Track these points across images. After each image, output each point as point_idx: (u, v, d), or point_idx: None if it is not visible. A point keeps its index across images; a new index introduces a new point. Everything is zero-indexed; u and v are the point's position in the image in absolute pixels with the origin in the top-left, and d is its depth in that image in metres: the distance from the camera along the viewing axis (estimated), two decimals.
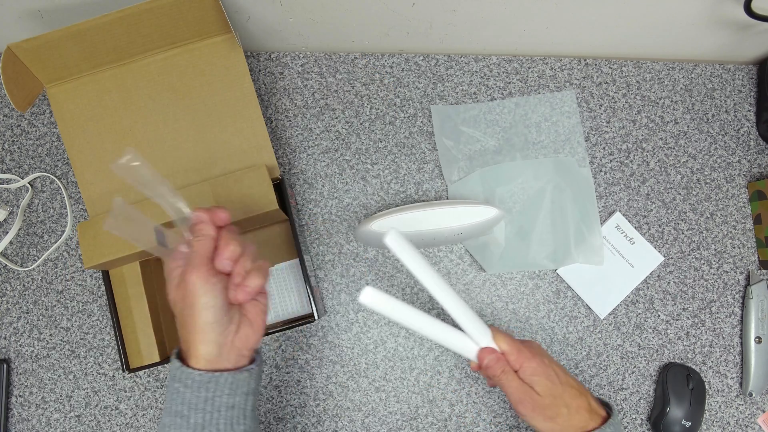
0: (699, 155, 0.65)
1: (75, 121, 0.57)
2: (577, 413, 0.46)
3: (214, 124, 0.56)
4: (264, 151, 0.56)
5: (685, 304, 0.62)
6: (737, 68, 0.66)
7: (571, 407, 0.46)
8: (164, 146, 0.57)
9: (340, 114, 0.65)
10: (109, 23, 0.51)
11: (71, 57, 0.54)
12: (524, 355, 0.47)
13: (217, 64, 0.56)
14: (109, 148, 0.57)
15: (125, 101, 0.56)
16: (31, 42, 0.51)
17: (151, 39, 0.54)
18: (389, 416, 0.61)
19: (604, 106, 0.65)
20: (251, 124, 0.56)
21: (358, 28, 0.62)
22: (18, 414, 0.62)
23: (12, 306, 0.64)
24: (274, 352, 0.62)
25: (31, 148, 0.66)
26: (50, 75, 0.55)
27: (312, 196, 0.64)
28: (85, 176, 0.57)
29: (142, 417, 0.62)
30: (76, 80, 0.56)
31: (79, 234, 0.53)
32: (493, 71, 0.66)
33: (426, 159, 0.65)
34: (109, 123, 0.57)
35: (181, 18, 0.52)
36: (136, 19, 0.51)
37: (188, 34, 0.55)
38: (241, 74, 0.56)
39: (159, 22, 0.52)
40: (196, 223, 0.41)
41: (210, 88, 0.56)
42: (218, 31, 0.55)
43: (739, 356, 0.62)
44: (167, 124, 0.57)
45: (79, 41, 0.52)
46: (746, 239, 0.63)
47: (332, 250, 0.64)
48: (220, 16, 0.52)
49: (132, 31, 0.53)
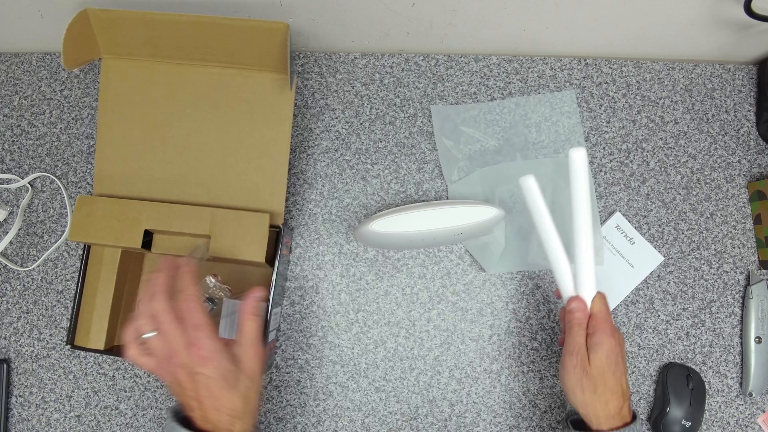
0: (699, 155, 0.65)
1: (116, 97, 0.57)
2: (606, 404, 0.46)
3: (239, 153, 0.57)
4: (276, 197, 0.56)
5: (685, 304, 0.62)
6: (737, 68, 0.66)
7: (605, 396, 0.46)
8: (185, 154, 0.57)
9: (340, 114, 0.65)
10: (182, 23, 0.52)
11: (136, 39, 0.55)
12: (605, 328, 0.48)
13: (264, 98, 0.56)
14: (136, 134, 0.57)
15: (167, 98, 0.57)
16: (107, 12, 0.53)
17: (213, 51, 0.55)
18: (389, 416, 0.61)
19: (604, 106, 0.65)
20: (274, 167, 0.56)
21: (358, 28, 0.62)
22: (18, 414, 0.62)
23: (12, 306, 0.64)
24: (274, 352, 0.62)
25: (31, 148, 0.66)
26: (111, 48, 0.56)
27: (312, 196, 0.64)
28: (104, 152, 0.57)
29: (142, 417, 0.62)
30: (132, 61, 0.57)
31: (75, 205, 0.54)
32: (493, 71, 0.66)
33: (426, 159, 0.65)
34: (146, 112, 0.57)
35: (248, 43, 0.53)
36: (208, 28, 0.53)
37: (249, 60, 0.55)
38: (284, 117, 0.56)
39: (227, 39, 0.53)
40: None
41: (249, 118, 0.56)
42: (277, 68, 0.55)
43: (739, 356, 0.62)
44: (197, 135, 0.57)
45: (149, 29, 0.53)
46: (746, 239, 0.63)
47: (332, 250, 0.64)
48: (283, 56, 0.53)
49: (199, 37, 0.54)
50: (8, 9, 0.60)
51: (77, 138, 0.66)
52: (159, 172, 0.57)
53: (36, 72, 0.68)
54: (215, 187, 0.57)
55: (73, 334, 0.56)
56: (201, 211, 0.54)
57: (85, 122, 0.67)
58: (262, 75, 0.56)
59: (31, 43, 0.67)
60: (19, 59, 0.68)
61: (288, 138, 0.56)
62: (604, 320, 0.49)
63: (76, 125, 0.67)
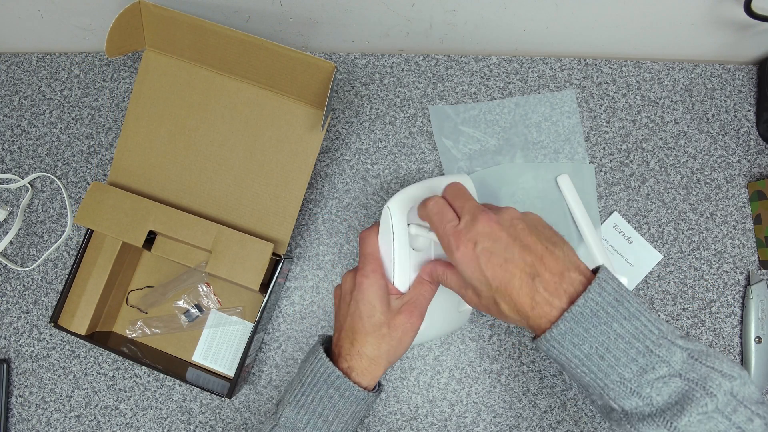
0: (699, 155, 0.65)
1: (151, 91, 0.57)
2: (519, 291, 0.38)
3: (258, 176, 0.57)
4: (284, 227, 0.56)
5: (685, 304, 0.62)
6: (737, 68, 0.66)
7: (510, 286, 0.38)
8: (206, 164, 0.57)
9: (340, 114, 0.65)
10: (231, 38, 0.53)
11: (182, 40, 0.55)
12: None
13: (295, 129, 0.56)
14: (162, 133, 0.58)
15: (200, 105, 0.57)
16: (160, 9, 0.53)
17: (255, 71, 0.55)
18: (389, 416, 0.61)
19: (604, 106, 0.65)
20: (288, 198, 0.56)
21: (358, 28, 0.62)
22: (18, 414, 0.62)
23: (12, 306, 0.64)
24: (273, 352, 0.62)
25: (31, 148, 0.66)
26: (156, 42, 0.57)
27: (312, 196, 0.64)
28: (127, 142, 0.58)
29: (142, 417, 0.62)
30: (174, 60, 0.57)
31: (88, 190, 0.55)
32: (493, 71, 0.66)
33: (426, 159, 0.65)
34: (177, 113, 0.57)
35: (291, 72, 0.53)
36: (255, 49, 0.53)
37: (288, 89, 0.55)
38: (310, 152, 0.56)
39: (272, 63, 0.53)
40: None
41: (276, 144, 0.56)
42: (314, 103, 0.55)
43: (739, 356, 0.62)
44: (221, 148, 0.57)
45: (198, 34, 0.54)
46: (746, 239, 0.63)
47: (332, 250, 0.64)
48: (324, 94, 0.53)
49: (244, 55, 0.54)
50: (8, 9, 0.60)
51: (77, 138, 0.66)
52: (176, 175, 0.57)
53: (36, 72, 0.68)
54: (226, 204, 0.57)
55: (58, 313, 0.57)
56: (208, 225, 0.54)
57: (85, 122, 0.67)
58: (297, 105, 0.56)
59: (31, 43, 0.67)
60: (19, 59, 0.68)
61: (308, 174, 0.55)
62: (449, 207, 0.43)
63: (76, 125, 0.67)
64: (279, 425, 0.44)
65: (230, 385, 0.55)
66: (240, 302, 0.62)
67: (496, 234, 0.39)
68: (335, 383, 0.44)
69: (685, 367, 0.35)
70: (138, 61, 0.67)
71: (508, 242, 0.39)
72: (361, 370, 0.45)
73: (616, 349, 0.36)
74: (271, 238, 0.56)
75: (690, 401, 0.34)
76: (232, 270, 0.53)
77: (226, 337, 0.61)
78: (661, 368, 0.35)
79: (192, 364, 0.61)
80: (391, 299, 0.46)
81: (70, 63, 0.68)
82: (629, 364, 0.35)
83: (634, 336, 0.36)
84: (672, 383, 0.35)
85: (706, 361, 0.35)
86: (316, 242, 0.64)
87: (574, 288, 0.37)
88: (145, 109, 0.57)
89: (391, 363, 0.47)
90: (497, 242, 0.39)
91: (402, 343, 0.46)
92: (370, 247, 0.48)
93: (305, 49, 0.67)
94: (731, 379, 0.35)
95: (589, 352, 0.36)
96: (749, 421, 0.34)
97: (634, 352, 0.35)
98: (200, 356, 0.61)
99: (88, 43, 0.66)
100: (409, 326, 0.45)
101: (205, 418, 0.61)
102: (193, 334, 0.61)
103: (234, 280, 0.53)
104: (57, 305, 0.57)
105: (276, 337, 0.62)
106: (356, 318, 0.46)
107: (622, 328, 0.36)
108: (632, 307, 0.36)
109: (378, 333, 0.45)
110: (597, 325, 0.36)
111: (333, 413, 0.44)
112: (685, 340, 0.37)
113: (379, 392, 0.47)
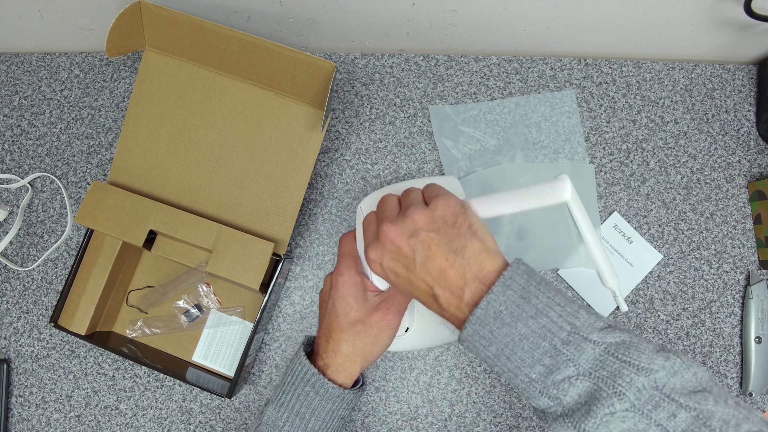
0: (699, 155, 0.65)
1: (151, 91, 0.57)
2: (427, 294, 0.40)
3: (258, 176, 0.57)
4: (284, 226, 0.56)
5: (685, 304, 0.62)
6: (737, 68, 0.66)
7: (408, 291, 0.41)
8: (206, 164, 0.57)
9: (340, 114, 0.65)
10: (231, 38, 0.53)
11: (182, 40, 0.55)
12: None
13: (294, 129, 0.56)
14: (162, 133, 0.57)
15: (201, 105, 0.57)
16: (160, 9, 0.53)
17: (256, 71, 0.55)
18: (389, 416, 0.61)
19: (604, 106, 0.65)
20: (288, 198, 0.56)
21: (358, 28, 0.62)
22: (18, 414, 0.62)
23: (12, 306, 0.64)
24: (273, 352, 0.62)
25: (31, 148, 0.66)
26: (156, 42, 0.56)
27: (312, 196, 0.64)
28: (127, 142, 0.58)
29: (142, 417, 0.62)
30: (174, 60, 0.57)
31: (89, 189, 0.54)
32: (493, 71, 0.66)
33: (426, 159, 0.65)
34: (176, 113, 0.57)
35: (292, 73, 0.53)
36: (255, 49, 0.53)
37: (288, 89, 0.55)
38: (310, 152, 0.56)
39: (272, 63, 0.53)
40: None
41: (276, 144, 0.56)
42: (314, 103, 0.55)
43: (739, 356, 0.62)
44: (221, 148, 0.57)
45: (198, 34, 0.54)
46: (746, 239, 0.63)
47: (332, 250, 0.64)
48: (324, 94, 0.53)
49: (244, 55, 0.54)
50: (8, 9, 0.60)
51: (77, 138, 0.66)
52: (176, 175, 0.57)
53: (36, 72, 0.68)
54: (226, 204, 0.57)
55: (58, 313, 0.57)
56: (209, 224, 0.54)
57: (85, 122, 0.67)
58: (297, 105, 0.56)
59: (31, 43, 0.67)
60: (19, 59, 0.68)
61: (309, 174, 0.55)
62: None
63: (76, 125, 0.67)
64: (262, 423, 0.45)
65: (230, 385, 0.55)
66: (240, 302, 0.62)
67: (399, 252, 0.39)
68: (310, 380, 0.44)
69: (596, 365, 0.33)
70: (138, 61, 0.67)
71: (407, 261, 0.39)
72: (335, 367, 0.45)
73: (521, 350, 0.35)
74: (271, 237, 0.56)
75: (596, 402, 0.32)
76: (232, 269, 0.53)
77: (226, 337, 0.61)
78: (568, 368, 0.34)
79: (192, 364, 0.61)
80: (368, 296, 0.46)
81: (70, 63, 0.68)
82: (534, 365, 0.34)
83: (540, 335, 0.34)
84: (579, 384, 0.33)
85: (624, 356, 0.33)
86: (316, 242, 0.64)
87: (479, 295, 0.37)
88: (145, 109, 0.57)
89: (369, 361, 0.46)
90: (398, 261, 0.39)
91: (378, 340, 0.45)
92: (347, 247, 0.49)
93: (305, 49, 0.66)
94: (650, 373, 0.32)
95: (497, 353, 0.36)
96: (672, 416, 0.31)
97: (540, 353, 0.34)
98: (200, 356, 0.61)
99: (88, 43, 0.66)
100: (385, 324, 0.45)
101: (205, 418, 0.61)
102: (193, 334, 0.61)
103: (234, 280, 0.53)
104: (57, 305, 0.56)
105: (276, 337, 0.62)
106: (332, 316, 0.46)
107: (527, 327, 0.35)
108: (540, 304, 0.35)
109: (353, 330, 0.45)
110: (500, 326, 0.35)
111: (309, 411, 0.44)
112: (605, 332, 0.35)
113: (360, 391, 0.47)
